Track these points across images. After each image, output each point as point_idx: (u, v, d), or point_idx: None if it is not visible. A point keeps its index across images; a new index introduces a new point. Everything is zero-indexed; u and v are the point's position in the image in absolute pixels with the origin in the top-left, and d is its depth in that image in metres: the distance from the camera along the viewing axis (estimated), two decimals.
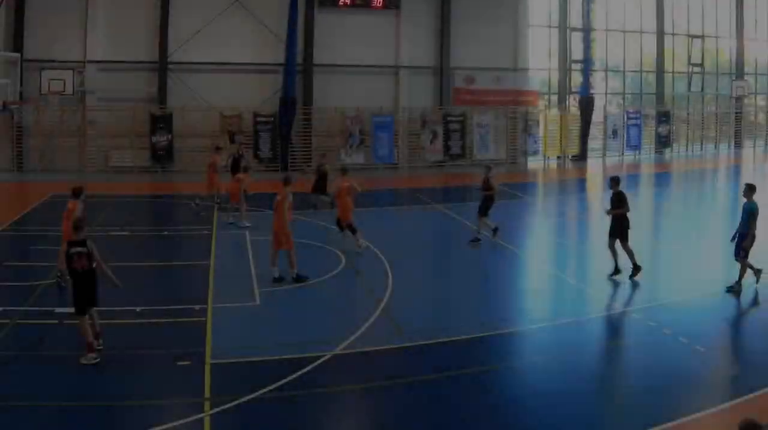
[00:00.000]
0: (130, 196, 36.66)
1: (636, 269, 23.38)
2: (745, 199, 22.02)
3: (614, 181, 24.09)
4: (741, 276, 22.18)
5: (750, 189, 21.97)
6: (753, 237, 21.81)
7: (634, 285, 23.32)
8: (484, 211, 28.85)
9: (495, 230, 28.95)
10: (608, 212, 23.93)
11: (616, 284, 23.48)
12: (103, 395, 15.01)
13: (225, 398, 14.61)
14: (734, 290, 22.12)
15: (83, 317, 16.67)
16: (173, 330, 19.06)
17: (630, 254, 23.40)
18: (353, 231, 27.13)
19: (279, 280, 22.99)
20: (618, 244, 23.63)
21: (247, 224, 30.82)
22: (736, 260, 22.29)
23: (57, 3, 48.12)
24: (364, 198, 41.41)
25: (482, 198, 28.93)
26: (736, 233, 22.23)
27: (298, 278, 22.92)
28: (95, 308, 17.18)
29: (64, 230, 21.25)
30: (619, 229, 23.55)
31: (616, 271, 23.54)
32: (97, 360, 16.59)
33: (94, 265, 16.79)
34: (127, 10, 49.34)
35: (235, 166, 36.80)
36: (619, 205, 23.59)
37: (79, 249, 16.70)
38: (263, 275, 23.26)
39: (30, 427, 13.81)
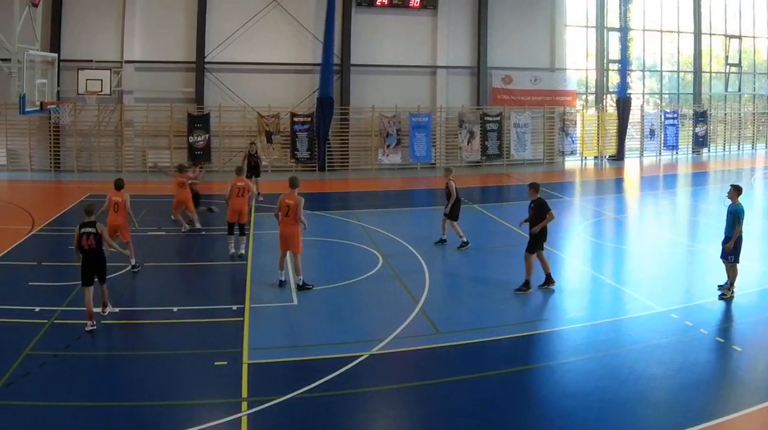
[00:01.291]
0: (168, 196, 35.75)
1: (548, 280, 22.17)
2: (729, 201, 21.28)
3: (533, 188, 22.44)
4: (731, 280, 21.44)
5: (735, 190, 21.14)
6: (738, 239, 21.02)
7: (670, 286, 22.76)
8: (453, 216, 27.68)
9: (442, 241, 28.15)
10: (523, 222, 22.59)
11: (652, 284, 22.78)
12: (140, 395, 14.84)
13: (262, 399, 14.44)
14: (724, 295, 21.34)
15: (87, 288, 18.34)
16: (210, 330, 18.75)
17: (544, 263, 22.15)
18: (230, 232, 25.83)
19: (283, 284, 22.36)
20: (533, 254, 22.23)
21: (198, 226, 29.86)
22: (723, 262, 21.62)
23: (94, 3, 47.23)
24: (402, 198, 41.06)
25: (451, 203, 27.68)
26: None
27: (304, 286, 22.07)
28: (105, 285, 19.11)
29: (111, 223, 22.86)
30: (536, 239, 22.01)
31: (526, 285, 22.00)
32: (94, 328, 18.16)
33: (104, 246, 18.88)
34: (164, 10, 48.18)
35: (252, 167, 35.84)
36: (538, 215, 21.93)
37: (88, 230, 18.49)
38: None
39: (67, 427, 13.54)
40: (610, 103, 59.88)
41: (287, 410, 14.09)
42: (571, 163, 57.19)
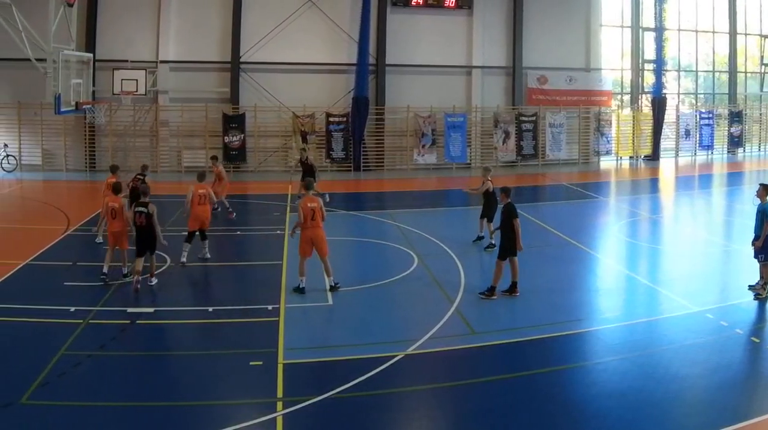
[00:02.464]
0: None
1: (491, 290, 20.97)
2: (759, 200, 20.95)
3: (504, 193, 21.43)
4: (765, 280, 20.92)
5: (764, 189, 20.78)
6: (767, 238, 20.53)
7: (706, 286, 22.38)
8: (487, 215, 27.10)
9: (479, 238, 27.66)
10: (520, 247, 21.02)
11: (687, 284, 22.34)
12: (175, 395, 14.65)
13: (297, 399, 14.21)
14: (759, 295, 20.75)
15: (139, 258, 20.99)
16: (246, 330, 18.47)
17: (498, 274, 20.98)
18: (189, 240, 24.58)
19: (303, 290, 21.19)
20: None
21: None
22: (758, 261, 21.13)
23: (129, 3, 46.49)
24: (437, 198, 40.82)
25: (485, 202, 27.20)
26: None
27: (335, 286, 21.52)
28: (153, 256, 21.57)
29: (110, 230, 22.49)
30: (507, 244, 20.93)
31: (490, 291, 20.92)
32: (136, 283, 20.68)
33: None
34: (199, 10, 47.37)
35: (306, 175, 34.80)
36: (505, 221, 20.98)
37: (140, 209, 20.91)
38: (336, 275, 21.76)
39: (102, 427, 13.32)
40: (646, 103, 58.31)
41: (322, 410, 13.86)
42: (606, 163, 55.67)
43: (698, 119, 59.42)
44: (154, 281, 21.30)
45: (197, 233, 24.78)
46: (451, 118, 50.19)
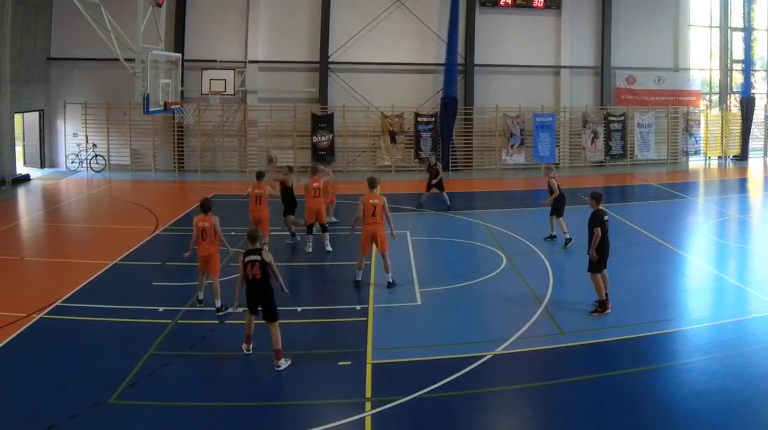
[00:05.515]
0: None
1: (602, 304, 18.94)
2: None
3: (593, 199, 19.13)
4: None
5: None
6: None
7: None
8: (557, 212, 26.25)
9: (551, 237, 26.71)
10: (592, 256, 18.84)
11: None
12: (264, 395, 14.28)
13: (386, 399, 13.77)
14: None
15: (251, 314, 15.76)
16: (334, 330, 18.04)
17: (598, 287, 18.99)
18: (309, 232, 25.49)
19: (359, 284, 21.11)
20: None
21: None
22: None
23: (218, 3, 43.67)
24: (526, 198, 37.81)
25: (552, 201, 26.20)
26: None
27: (392, 283, 20.92)
28: (276, 325, 15.58)
29: (200, 254, 19.16)
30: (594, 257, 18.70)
31: (602, 305, 18.98)
32: (250, 352, 16.19)
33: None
34: (287, 10, 44.28)
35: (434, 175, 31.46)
36: (589, 230, 18.73)
37: (253, 257, 15.39)
38: (424, 275, 21.94)
39: (190, 426, 13.03)
40: (734, 103, 53.29)
41: (411, 411, 13.48)
42: (694, 163, 51.27)
43: None
44: (283, 363, 15.25)
45: (316, 226, 25.05)
46: (539, 118, 46.14)
